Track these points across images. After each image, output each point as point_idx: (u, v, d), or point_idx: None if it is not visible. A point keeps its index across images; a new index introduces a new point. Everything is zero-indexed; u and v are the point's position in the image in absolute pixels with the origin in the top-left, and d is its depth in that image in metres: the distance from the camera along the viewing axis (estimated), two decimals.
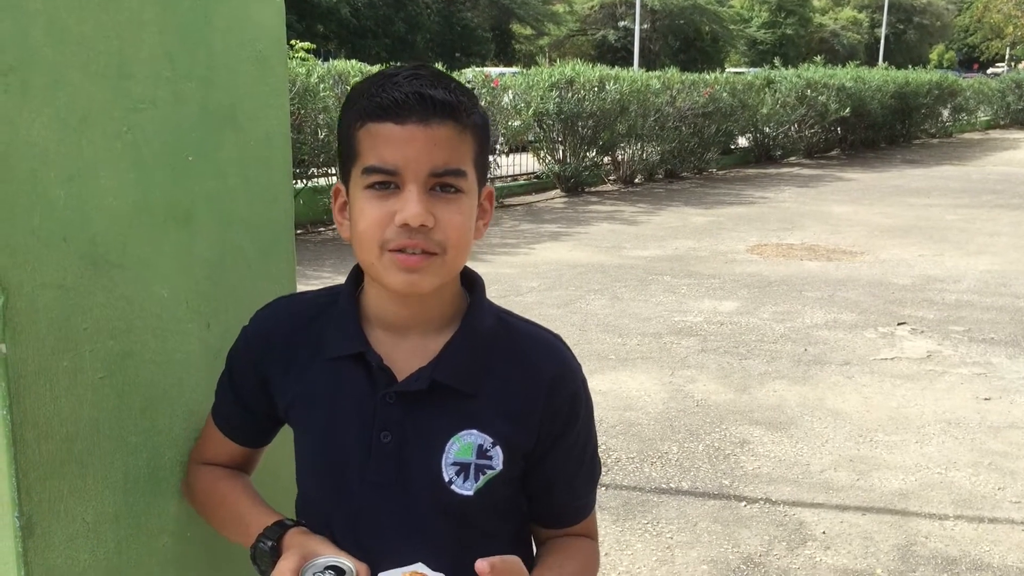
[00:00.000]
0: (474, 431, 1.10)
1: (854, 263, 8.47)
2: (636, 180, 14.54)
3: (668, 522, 3.51)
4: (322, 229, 9.99)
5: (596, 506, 1.27)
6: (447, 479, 1.10)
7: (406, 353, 1.12)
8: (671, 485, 3.84)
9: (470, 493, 1.10)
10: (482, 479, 1.10)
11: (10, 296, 1.02)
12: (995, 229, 10.39)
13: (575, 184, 13.33)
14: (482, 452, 1.10)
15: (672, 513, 3.58)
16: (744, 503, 3.69)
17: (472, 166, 1.08)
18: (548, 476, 1.17)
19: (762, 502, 3.70)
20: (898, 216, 11.35)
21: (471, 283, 1.18)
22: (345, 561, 1.03)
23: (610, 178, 14.36)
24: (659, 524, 3.49)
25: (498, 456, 1.11)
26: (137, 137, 1.15)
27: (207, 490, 1.23)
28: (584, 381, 1.18)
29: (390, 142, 1.03)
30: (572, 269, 8.08)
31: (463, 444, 1.10)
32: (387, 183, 1.04)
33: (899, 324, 6.34)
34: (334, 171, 10.18)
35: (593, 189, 13.76)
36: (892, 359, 5.57)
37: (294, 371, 1.15)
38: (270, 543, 1.10)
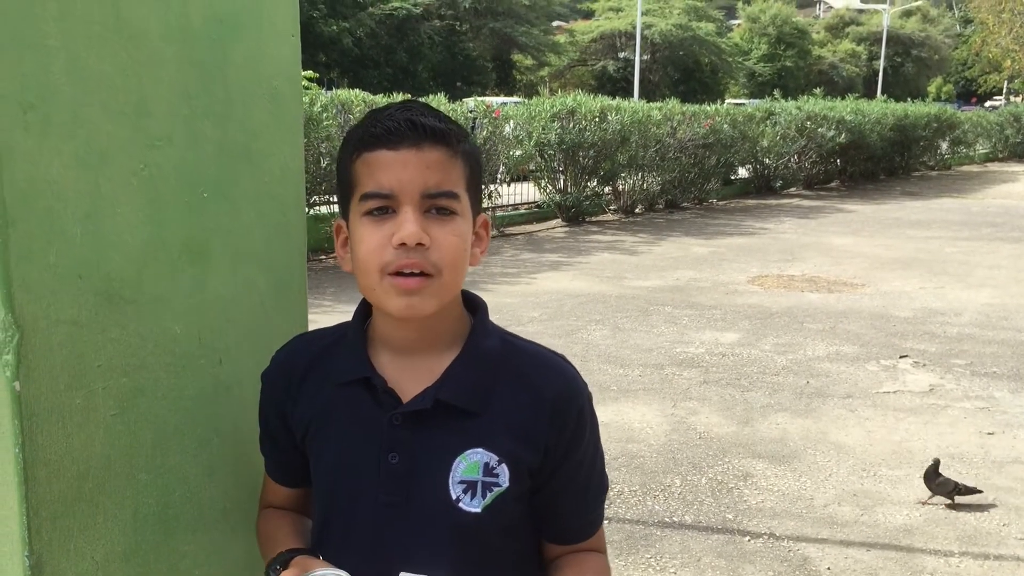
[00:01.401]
0: (480, 449, 1.12)
1: (855, 295, 8.47)
2: (637, 210, 14.57)
3: (671, 556, 3.48)
4: (323, 257, 10.00)
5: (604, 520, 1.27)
6: (455, 497, 1.12)
7: (411, 375, 1.14)
8: (674, 519, 3.81)
9: (478, 510, 1.12)
10: (489, 496, 1.12)
11: (25, 333, 1.02)
12: (995, 262, 10.40)
13: (576, 214, 13.36)
14: (488, 470, 1.12)
15: (675, 547, 3.56)
16: (748, 538, 3.67)
17: (465, 190, 1.12)
18: (556, 493, 1.18)
19: (766, 537, 3.67)
20: (898, 248, 11.37)
21: (474, 306, 1.21)
22: (341, 572, 1.05)
23: (611, 208, 14.39)
24: (663, 559, 3.46)
25: (504, 474, 1.13)
26: (153, 174, 1.15)
27: (263, 531, 1.28)
28: (589, 398, 1.20)
29: (385, 167, 1.07)
30: (573, 299, 8.08)
31: (469, 462, 1.12)
32: (384, 208, 1.08)
33: (901, 357, 6.33)
34: (335, 199, 10.21)
35: (594, 219, 13.79)
36: (894, 392, 5.56)
37: (306, 401, 1.19)
38: (275, 567, 1.14)
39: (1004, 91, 54.49)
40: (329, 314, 6.93)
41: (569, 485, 1.19)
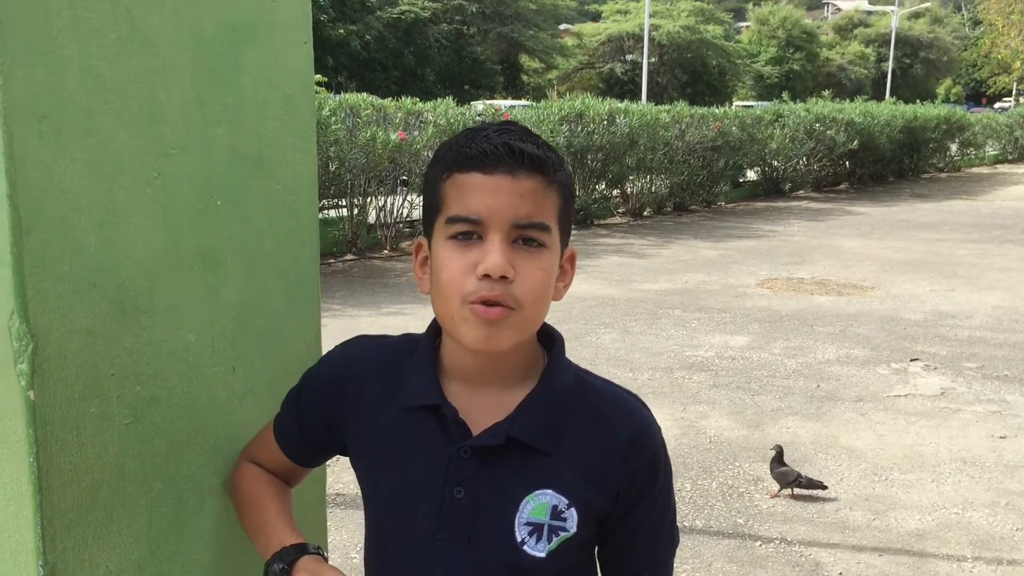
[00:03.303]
0: (549, 491, 1.08)
1: (865, 298, 8.45)
2: (645, 213, 14.56)
3: (683, 561, 3.47)
4: (332, 261, 10.01)
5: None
6: (520, 539, 1.07)
7: (482, 407, 1.10)
8: (685, 523, 3.80)
9: (542, 555, 1.07)
10: (555, 541, 1.08)
11: (39, 343, 1.02)
12: (1005, 264, 10.36)
13: (584, 217, 13.35)
14: (556, 513, 1.08)
15: (686, 552, 3.54)
16: (759, 543, 3.65)
17: (556, 222, 1.08)
18: (626, 541, 1.14)
19: (777, 541, 3.66)
20: (908, 250, 11.34)
21: (550, 339, 1.17)
22: None
23: (619, 211, 14.39)
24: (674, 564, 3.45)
25: (572, 518, 1.08)
26: (167, 182, 1.15)
27: (250, 491, 1.23)
28: (663, 444, 1.16)
29: (476, 191, 1.03)
30: (582, 302, 8.07)
31: (537, 504, 1.08)
32: (470, 233, 1.04)
33: (912, 360, 6.30)
34: (344, 203, 10.23)
35: (602, 222, 13.78)
36: (906, 396, 5.54)
37: (367, 416, 1.14)
38: (282, 565, 1.09)
39: (1013, 92, 54.30)
40: (338, 318, 6.94)
41: (639, 533, 1.14)
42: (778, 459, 4.11)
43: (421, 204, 1.15)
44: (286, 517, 1.19)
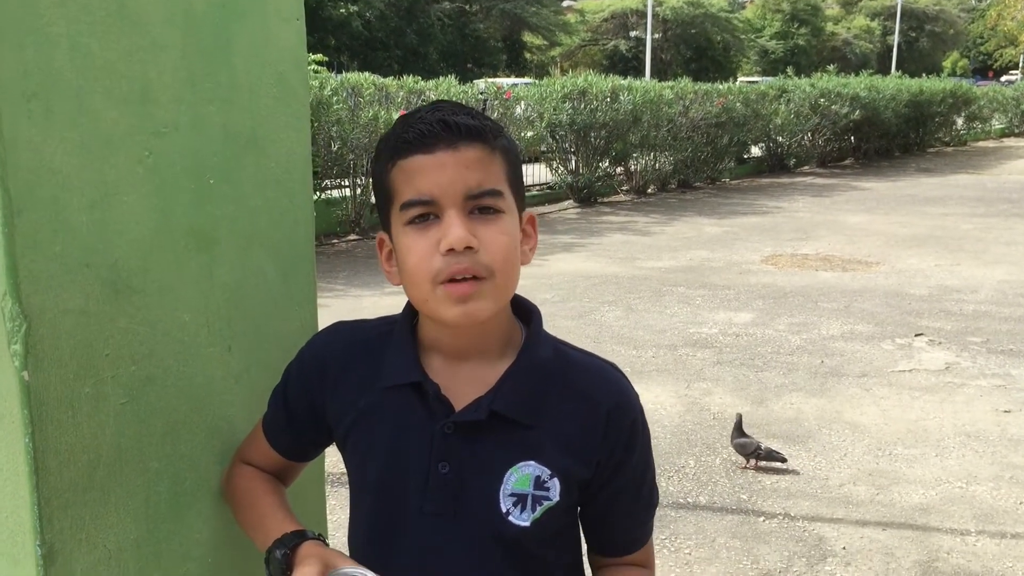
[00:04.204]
0: (532, 463, 1.10)
1: (870, 273, 8.43)
2: (649, 190, 14.52)
3: (686, 537, 3.48)
4: (335, 241, 10.01)
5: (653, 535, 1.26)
6: (504, 510, 1.09)
7: (463, 383, 1.11)
8: (689, 500, 3.81)
9: (527, 524, 1.10)
10: (539, 510, 1.10)
11: (32, 323, 1.01)
12: (1012, 238, 10.32)
13: (588, 195, 13.32)
14: (539, 483, 1.10)
15: (690, 528, 3.56)
16: (763, 518, 3.66)
17: (507, 186, 1.08)
18: (605, 506, 1.17)
19: (781, 517, 3.67)
20: (913, 225, 11.30)
21: (527, 313, 1.18)
22: (368, 572, 1.03)
23: (623, 188, 14.35)
24: (677, 540, 3.47)
25: (555, 487, 1.10)
26: (159, 161, 1.14)
27: (243, 488, 1.23)
28: (642, 411, 1.18)
29: (422, 173, 1.04)
30: (586, 280, 8.07)
31: (521, 475, 1.10)
32: (426, 215, 1.05)
33: (916, 335, 6.30)
34: (347, 183, 10.22)
35: (606, 200, 13.75)
36: (910, 371, 5.53)
37: (350, 398, 1.15)
38: (284, 551, 1.09)
39: (1021, 65, 53.89)
40: (341, 298, 6.94)
41: (618, 498, 1.17)
42: (738, 428, 4.13)
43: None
44: (284, 510, 1.20)
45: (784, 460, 4.09)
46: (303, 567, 1.05)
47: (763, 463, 4.09)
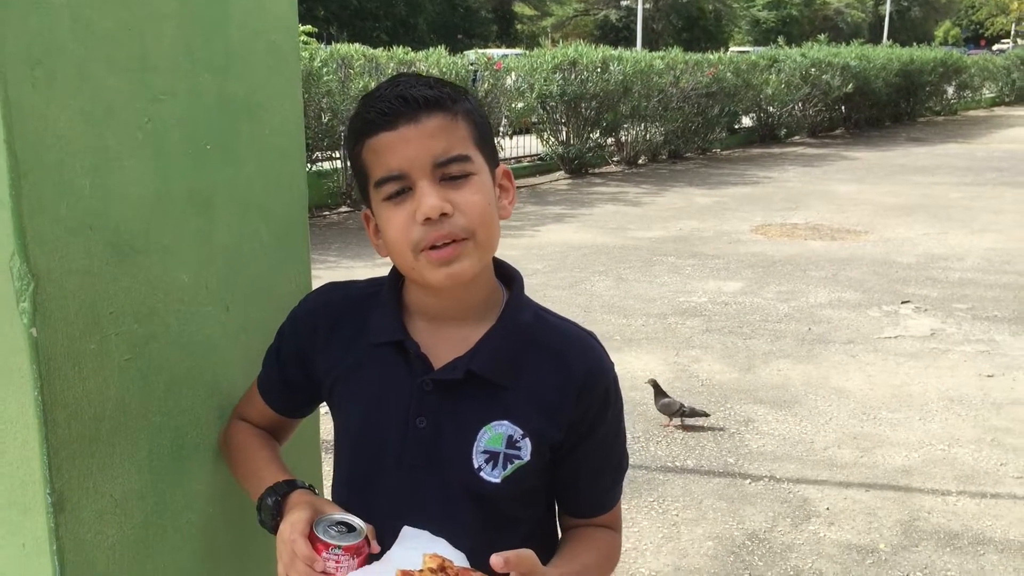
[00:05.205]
0: (505, 422, 1.15)
1: (858, 242, 8.49)
2: (640, 161, 14.54)
3: (674, 499, 3.56)
4: (327, 213, 10.03)
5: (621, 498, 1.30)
6: (476, 466, 1.14)
7: (444, 343, 1.16)
8: (676, 464, 3.89)
9: (497, 480, 1.14)
10: (510, 468, 1.15)
11: (40, 282, 1.06)
12: (999, 207, 10.39)
13: (579, 166, 13.34)
14: (511, 443, 1.15)
15: (678, 491, 3.63)
16: (749, 480, 3.74)
17: (475, 148, 1.12)
18: (575, 468, 1.21)
19: (766, 479, 3.75)
20: (903, 195, 11.36)
21: (509, 278, 1.22)
22: (356, 519, 1.09)
23: (614, 159, 14.36)
24: (665, 502, 3.54)
25: (527, 447, 1.15)
26: (158, 127, 1.19)
27: (240, 443, 1.29)
28: (616, 379, 1.22)
29: (389, 149, 1.08)
30: (577, 251, 8.12)
31: (494, 434, 1.14)
32: (400, 189, 1.09)
33: (903, 303, 6.37)
34: (338, 155, 10.21)
35: (597, 170, 13.77)
36: (896, 337, 5.61)
37: (338, 355, 1.20)
38: (275, 498, 1.15)
39: (1012, 34, 53.79)
40: (334, 269, 6.98)
41: (588, 461, 1.21)
42: (658, 392, 4.25)
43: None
44: (277, 463, 1.25)
45: (707, 415, 4.24)
46: (293, 513, 1.10)
47: (688, 420, 4.23)
